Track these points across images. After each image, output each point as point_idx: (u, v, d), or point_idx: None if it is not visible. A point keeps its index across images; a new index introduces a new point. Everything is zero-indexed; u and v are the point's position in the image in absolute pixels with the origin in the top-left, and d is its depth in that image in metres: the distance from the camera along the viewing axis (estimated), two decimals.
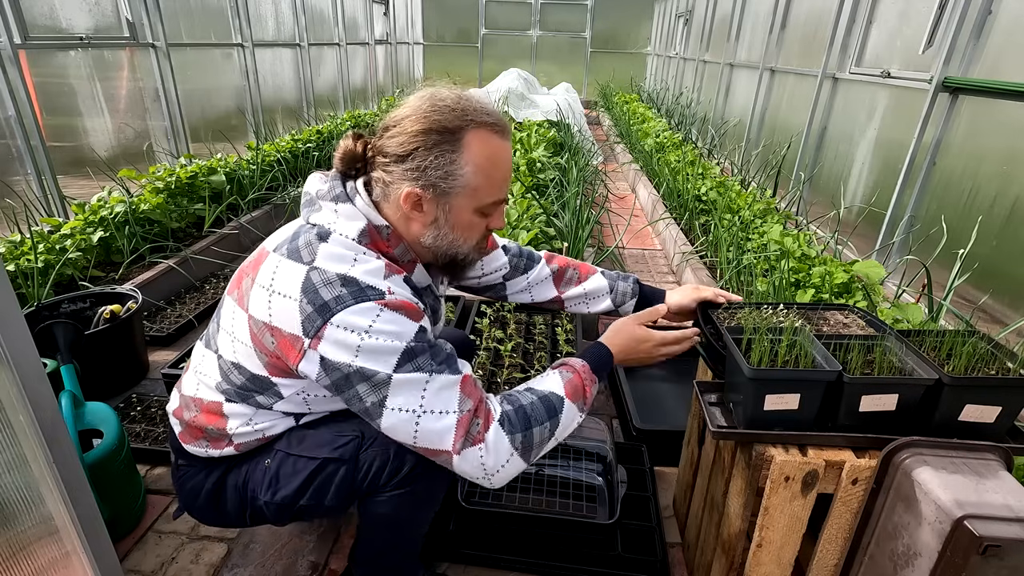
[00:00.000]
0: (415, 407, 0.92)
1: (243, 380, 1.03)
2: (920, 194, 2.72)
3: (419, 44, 11.29)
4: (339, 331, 0.90)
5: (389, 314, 0.92)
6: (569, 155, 4.91)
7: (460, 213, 1.00)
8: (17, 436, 0.80)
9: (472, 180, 0.97)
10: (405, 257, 1.04)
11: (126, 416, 1.92)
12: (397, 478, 1.05)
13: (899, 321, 1.95)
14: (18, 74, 2.90)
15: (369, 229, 0.99)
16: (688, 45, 7.98)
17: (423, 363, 0.93)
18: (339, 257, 0.96)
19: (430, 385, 0.93)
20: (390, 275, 0.98)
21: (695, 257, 3.24)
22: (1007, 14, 2.30)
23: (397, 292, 0.95)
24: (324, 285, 0.92)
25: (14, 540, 0.84)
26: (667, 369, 2.34)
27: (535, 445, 0.99)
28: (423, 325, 0.96)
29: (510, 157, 1.04)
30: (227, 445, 1.09)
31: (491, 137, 0.98)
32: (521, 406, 1.00)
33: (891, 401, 1.03)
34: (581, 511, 1.43)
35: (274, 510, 1.09)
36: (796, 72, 4.33)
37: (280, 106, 5.81)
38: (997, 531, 0.85)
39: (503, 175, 1.03)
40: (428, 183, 0.96)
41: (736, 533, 1.14)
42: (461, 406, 0.94)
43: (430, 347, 0.96)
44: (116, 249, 2.86)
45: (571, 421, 1.04)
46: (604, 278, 1.43)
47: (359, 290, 0.92)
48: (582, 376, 1.07)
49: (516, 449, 0.96)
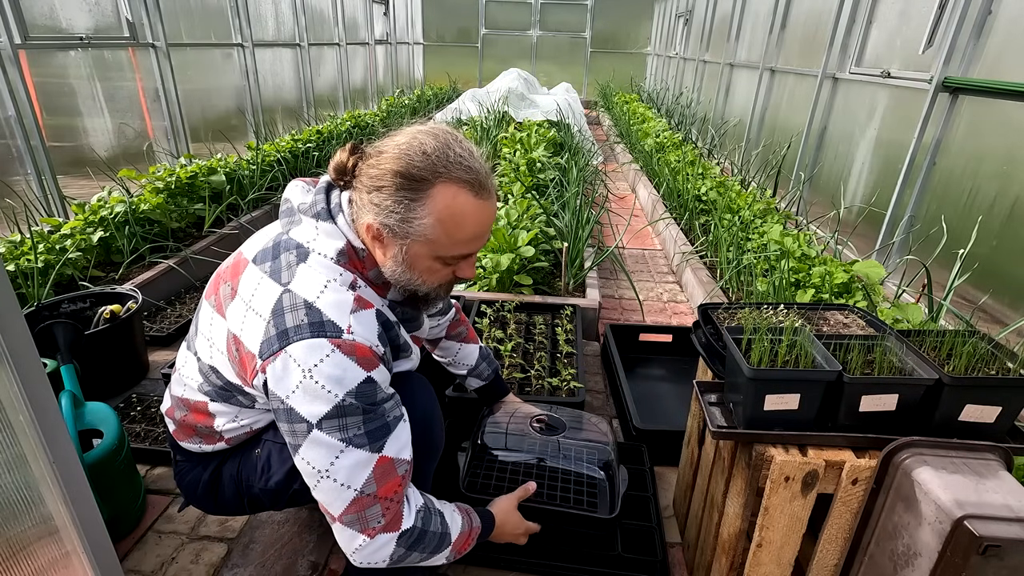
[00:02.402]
0: (322, 468, 0.91)
1: (220, 383, 1.04)
2: (920, 194, 2.72)
3: (419, 44, 11.29)
4: (287, 361, 0.89)
5: (338, 357, 0.89)
6: (569, 155, 4.91)
7: (419, 259, 0.98)
8: (17, 436, 0.80)
9: (430, 233, 0.94)
10: (379, 279, 1.02)
11: (126, 416, 1.92)
12: None
13: (899, 321, 1.95)
14: (18, 74, 2.90)
15: (348, 249, 0.98)
16: (688, 45, 7.99)
17: (349, 425, 0.90)
18: (312, 282, 0.95)
19: (343, 456, 0.90)
20: (358, 310, 0.95)
21: (695, 257, 3.24)
22: (1007, 14, 2.30)
23: (356, 332, 0.92)
24: (290, 310, 0.92)
25: (14, 540, 0.84)
26: (667, 369, 2.34)
27: (406, 561, 1.01)
28: (373, 377, 0.92)
29: (483, 216, 0.96)
30: (219, 440, 1.13)
31: (461, 194, 0.93)
32: (424, 532, 1.01)
33: (891, 401, 1.03)
34: (582, 506, 1.42)
35: (269, 496, 1.13)
36: (796, 72, 4.33)
37: (280, 106, 5.82)
38: (997, 531, 0.85)
39: (469, 234, 0.96)
40: (386, 223, 0.94)
41: (736, 533, 1.14)
42: (365, 488, 0.91)
43: (367, 410, 0.91)
44: (116, 249, 2.86)
45: (440, 559, 1.06)
46: (478, 354, 1.58)
47: (319, 324, 0.91)
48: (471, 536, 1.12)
49: (391, 559, 0.98)
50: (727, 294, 2.81)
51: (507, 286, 2.72)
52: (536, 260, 2.82)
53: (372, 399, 0.92)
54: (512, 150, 4.81)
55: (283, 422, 0.93)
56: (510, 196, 3.56)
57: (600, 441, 1.60)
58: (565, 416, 1.63)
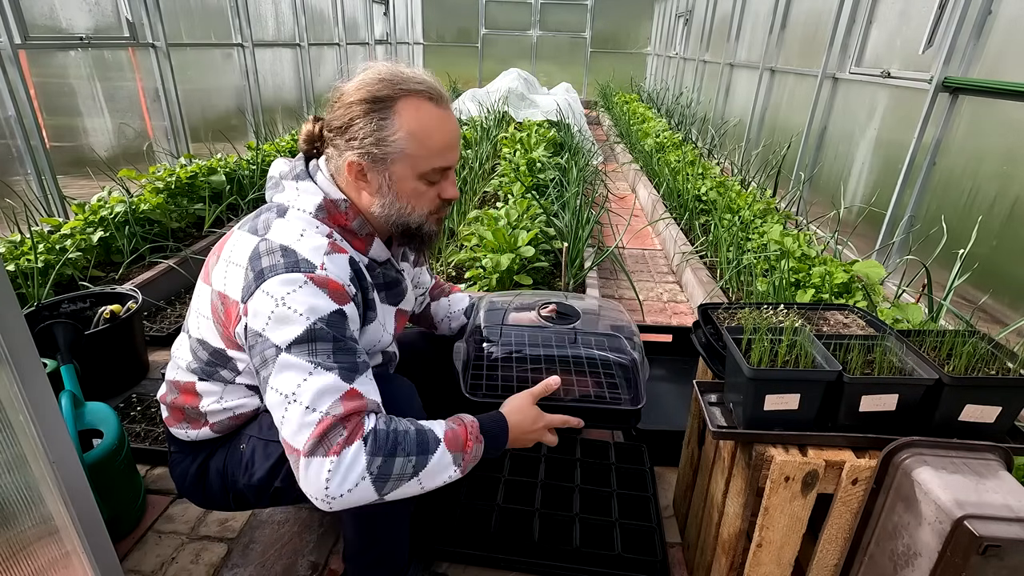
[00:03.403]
0: (288, 392, 0.89)
1: (207, 356, 1.07)
2: (920, 194, 2.72)
3: (419, 44, 11.29)
4: (263, 296, 0.93)
5: (311, 288, 0.93)
6: (569, 155, 4.91)
7: (403, 181, 1.02)
8: (17, 436, 0.80)
9: (406, 146, 0.99)
10: (363, 230, 1.07)
11: (126, 416, 1.92)
12: None
13: (899, 321, 1.95)
14: (18, 74, 2.90)
15: (326, 203, 1.04)
16: (688, 45, 7.98)
17: (318, 350, 0.91)
18: (288, 230, 1.00)
19: (311, 378, 0.89)
20: (332, 253, 0.99)
21: (695, 257, 3.24)
22: (1007, 14, 2.30)
23: (330, 270, 0.97)
24: (266, 254, 0.97)
25: (14, 540, 0.84)
26: (667, 369, 2.34)
27: (392, 477, 0.90)
28: (344, 310, 0.95)
29: (449, 125, 1.03)
30: (203, 425, 1.14)
31: (423, 104, 1.00)
32: (395, 430, 0.93)
33: (891, 401, 1.03)
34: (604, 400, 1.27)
35: (253, 493, 1.13)
36: (796, 72, 4.33)
37: (280, 106, 5.81)
38: (997, 531, 0.85)
39: (441, 142, 1.02)
40: (364, 151, 0.99)
41: (736, 533, 1.14)
42: (331, 409, 0.88)
43: (338, 339, 0.93)
44: (116, 249, 2.86)
45: (442, 469, 0.96)
46: (468, 299, 1.55)
47: (294, 262, 0.95)
48: (467, 430, 1.01)
49: (371, 474, 0.88)
50: (727, 294, 2.81)
51: (507, 286, 2.72)
52: (536, 260, 2.82)
53: (342, 332, 0.95)
54: (512, 150, 4.81)
55: (257, 357, 0.94)
56: (510, 196, 3.56)
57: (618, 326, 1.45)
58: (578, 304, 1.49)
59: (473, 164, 4.61)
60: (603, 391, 1.28)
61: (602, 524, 1.47)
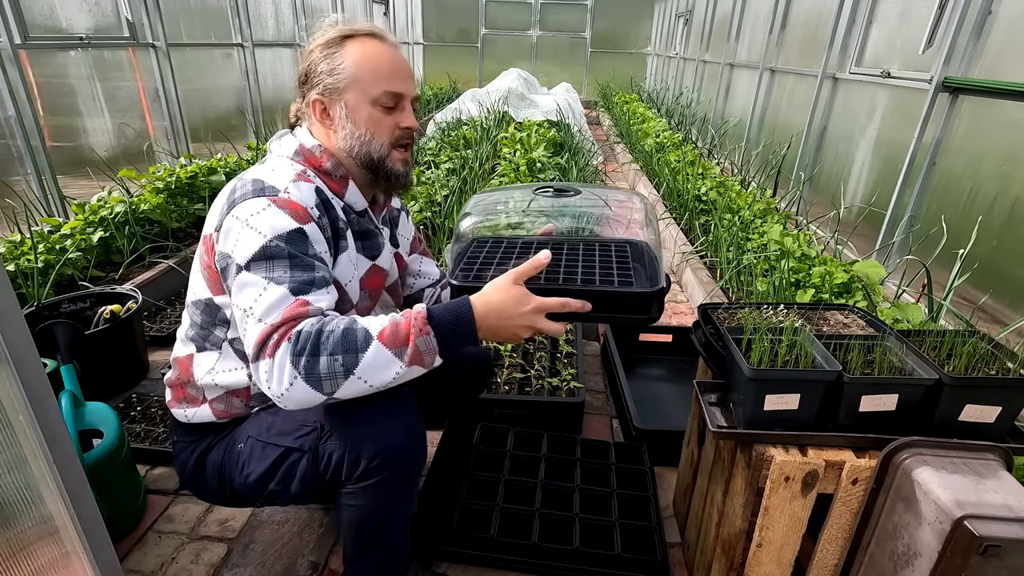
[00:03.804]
0: (247, 307, 0.95)
1: (200, 315, 1.11)
2: (920, 194, 2.72)
3: (419, 44, 11.29)
4: (231, 220, 0.99)
5: (273, 209, 0.99)
6: (569, 155, 4.91)
7: (358, 108, 1.09)
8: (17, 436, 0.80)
9: (355, 72, 1.08)
10: (337, 172, 1.13)
11: (126, 416, 1.92)
12: (357, 472, 1.03)
13: (899, 321, 1.95)
14: (18, 74, 2.90)
15: (302, 148, 1.12)
16: (688, 45, 7.98)
17: (275, 267, 0.96)
18: (263, 167, 1.08)
19: (265, 293, 0.94)
20: (298, 181, 1.05)
21: (695, 257, 3.24)
22: (1007, 14, 2.30)
23: (292, 193, 1.02)
24: (239, 186, 1.04)
25: (14, 540, 0.84)
26: (667, 369, 2.34)
27: (323, 376, 0.89)
28: (303, 229, 0.99)
29: (395, 55, 1.12)
30: (202, 403, 1.15)
31: (369, 40, 1.11)
32: (319, 331, 0.91)
33: (891, 401, 1.03)
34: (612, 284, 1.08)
35: (249, 491, 1.14)
36: (796, 72, 4.33)
37: (280, 106, 5.81)
38: (997, 531, 0.85)
39: (387, 68, 1.10)
40: (322, 86, 1.09)
41: (736, 533, 1.14)
42: (272, 320, 0.92)
43: (294, 255, 0.97)
44: (116, 249, 2.86)
45: (384, 366, 0.91)
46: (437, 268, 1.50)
47: (260, 188, 1.02)
48: (411, 323, 0.93)
49: (300, 373, 0.89)
50: (727, 294, 2.81)
51: None
52: None
53: (302, 249, 0.99)
54: (512, 150, 4.81)
55: (229, 280, 0.99)
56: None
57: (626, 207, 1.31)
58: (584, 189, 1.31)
59: (473, 164, 4.61)
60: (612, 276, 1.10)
61: (602, 524, 1.47)
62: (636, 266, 1.16)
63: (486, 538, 1.42)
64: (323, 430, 1.06)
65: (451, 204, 3.60)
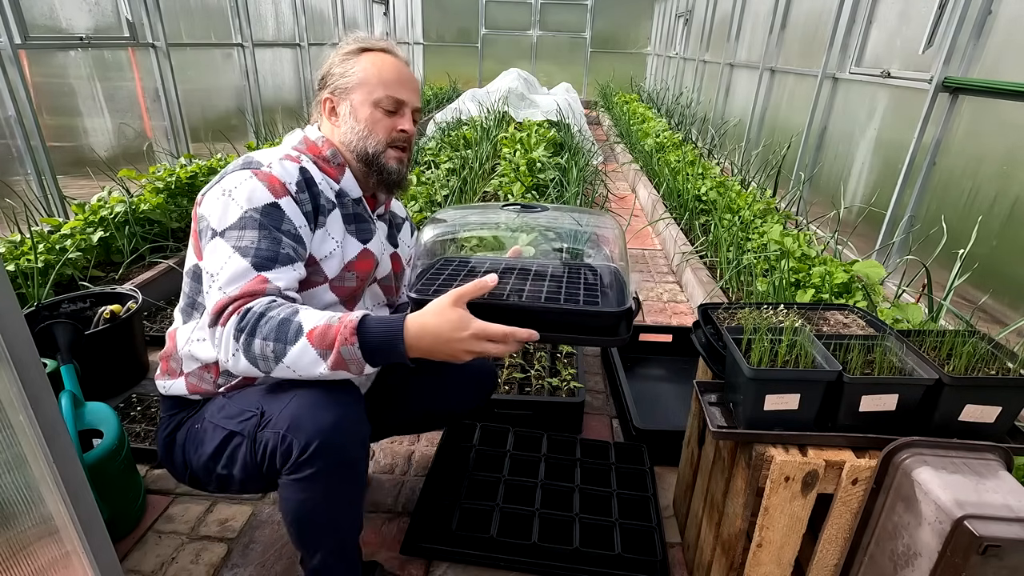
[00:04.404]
0: (213, 272, 1.01)
1: (190, 283, 1.15)
2: (920, 194, 2.72)
3: (419, 44, 11.29)
4: (216, 189, 1.06)
5: (253, 183, 1.05)
6: (569, 155, 4.91)
7: (361, 107, 1.18)
8: (17, 436, 0.80)
9: (363, 76, 1.17)
10: (335, 160, 1.20)
11: (126, 416, 1.92)
12: (290, 463, 1.01)
13: (899, 321, 1.95)
14: (18, 74, 2.90)
15: (305, 139, 1.21)
16: (688, 45, 7.98)
17: (245, 236, 1.02)
18: (261, 151, 1.15)
19: (230, 261, 1.00)
20: (284, 160, 1.11)
21: (695, 257, 3.24)
22: (1007, 14, 2.30)
23: (275, 169, 1.08)
24: (231, 164, 1.12)
25: (14, 540, 0.84)
26: (667, 369, 2.34)
27: (258, 357, 0.95)
28: (279, 203, 1.05)
29: (402, 69, 1.22)
30: (179, 375, 1.18)
31: (382, 54, 1.21)
32: (262, 314, 0.95)
33: (891, 401, 1.03)
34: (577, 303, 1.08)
35: (202, 474, 1.16)
36: (796, 72, 4.33)
37: (280, 106, 5.81)
38: (997, 531, 0.85)
39: (394, 78, 1.19)
40: (333, 86, 1.19)
41: (736, 533, 1.14)
42: (231, 292, 0.99)
43: (265, 227, 1.03)
44: (116, 249, 2.86)
45: (309, 364, 0.94)
46: None
47: (248, 162, 1.10)
48: (340, 329, 0.93)
49: (240, 349, 0.96)
50: (727, 294, 2.81)
51: None
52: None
53: (275, 223, 1.04)
54: (512, 150, 4.81)
55: (204, 242, 1.05)
56: (510, 196, 3.56)
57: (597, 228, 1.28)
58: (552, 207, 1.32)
59: (473, 164, 4.61)
60: (578, 295, 1.07)
61: (602, 524, 1.47)
62: (605, 289, 1.15)
63: (486, 538, 1.42)
64: (263, 416, 1.05)
65: (451, 204, 3.60)
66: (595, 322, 1.04)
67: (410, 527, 1.49)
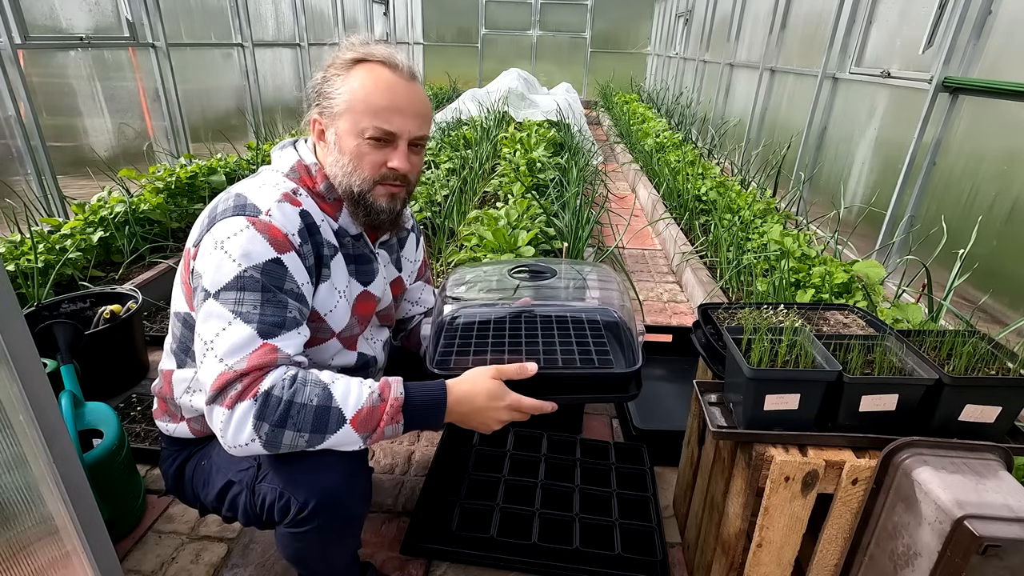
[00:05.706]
0: (209, 340, 0.90)
1: (180, 327, 1.07)
2: (920, 194, 2.72)
3: (419, 44, 11.29)
4: (208, 238, 0.95)
5: (251, 233, 0.93)
6: (569, 155, 4.91)
7: (345, 137, 1.02)
8: (17, 436, 0.80)
9: (350, 99, 1.01)
10: (330, 195, 1.07)
11: (126, 416, 1.92)
12: (288, 518, 1.00)
13: (899, 321, 1.95)
14: (18, 74, 2.90)
15: (299, 165, 1.07)
16: (688, 45, 7.98)
17: (245, 300, 0.91)
18: (252, 182, 1.03)
19: (229, 329, 0.89)
20: (283, 202, 0.99)
21: (695, 257, 3.24)
22: (1007, 14, 2.30)
23: (275, 217, 0.96)
24: (223, 201, 1.00)
25: (14, 540, 0.84)
26: (667, 369, 2.34)
27: (284, 446, 0.89)
28: (281, 259, 0.94)
29: (398, 89, 1.03)
30: (180, 420, 1.14)
31: (377, 68, 1.03)
32: (291, 402, 0.88)
33: (891, 401, 1.03)
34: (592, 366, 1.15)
35: (212, 508, 1.14)
36: (796, 72, 4.33)
37: (280, 106, 5.81)
38: (997, 531, 0.85)
39: (386, 103, 1.01)
40: (321, 107, 1.04)
41: (736, 533, 1.14)
42: (236, 365, 0.88)
43: (268, 289, 0.92)
44: (116, 249, 2.86)
45: (344, 444, 0.92)
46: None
47: (241, 205, 0.97)
48: (386, 409, 0.93)
49: (260, 438, 0.87)
50: (727, 294, 2.81)
51: None
52: None
53: (277, 282, 0.94)
54: (512, 150, 4.81)
55: (196, 303, 0.95)
56: (510, 196, 3.56)
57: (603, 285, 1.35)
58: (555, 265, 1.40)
59: (473, 164, 4.61)
60: (591, 356, 1.13)
61: (602, 524, 1.47)
62: (613, 342, 1.23)
63: (486, 538, 1.42)
64: (260, 469, 1.04)
65: (451, 204, 3.60)
66: (610, 381, 1.12)
67: (410, 527, 1.49)
